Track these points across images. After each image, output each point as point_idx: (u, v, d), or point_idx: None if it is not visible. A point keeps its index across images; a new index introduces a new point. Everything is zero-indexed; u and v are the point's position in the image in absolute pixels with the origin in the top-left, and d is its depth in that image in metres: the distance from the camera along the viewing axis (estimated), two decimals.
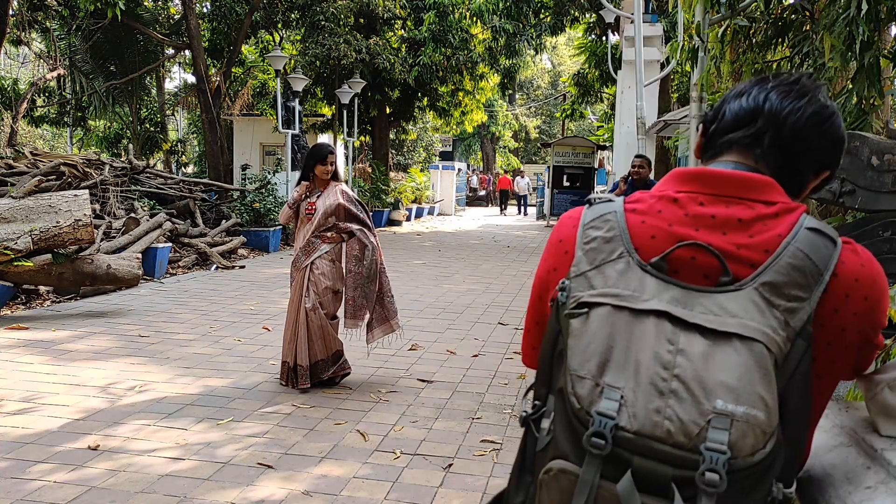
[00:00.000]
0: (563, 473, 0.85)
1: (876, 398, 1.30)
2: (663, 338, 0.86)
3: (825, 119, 1.03)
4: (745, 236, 0.94)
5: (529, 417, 0.97)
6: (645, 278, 0.92)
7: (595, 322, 0.90)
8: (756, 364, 0.83)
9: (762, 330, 0.86)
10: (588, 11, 17.88)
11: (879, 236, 3.08)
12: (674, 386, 0.82)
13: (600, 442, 0.81)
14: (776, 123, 1.03)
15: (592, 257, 0.97)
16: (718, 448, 0.78)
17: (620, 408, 0.83)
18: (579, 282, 0.95)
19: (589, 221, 1.02)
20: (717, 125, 1.09)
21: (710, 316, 0.87)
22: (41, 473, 3.44)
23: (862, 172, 3.19)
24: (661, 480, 0.80)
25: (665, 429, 0.81)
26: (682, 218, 0.98)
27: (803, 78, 1.06)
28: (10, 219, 6.98)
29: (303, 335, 4.81)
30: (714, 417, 0.80)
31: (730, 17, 4.92)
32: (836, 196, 3.34)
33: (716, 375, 0.82)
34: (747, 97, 1.06)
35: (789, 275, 0.90)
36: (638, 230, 0.98)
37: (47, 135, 29.33)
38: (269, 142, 19.16)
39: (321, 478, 3.52)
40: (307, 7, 17.65)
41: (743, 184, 0.99)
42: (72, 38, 18.51)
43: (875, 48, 3.80)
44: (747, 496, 0.80)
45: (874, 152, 3.12)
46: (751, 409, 0.81)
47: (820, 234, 0.94)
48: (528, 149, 45.07)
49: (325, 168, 4.90)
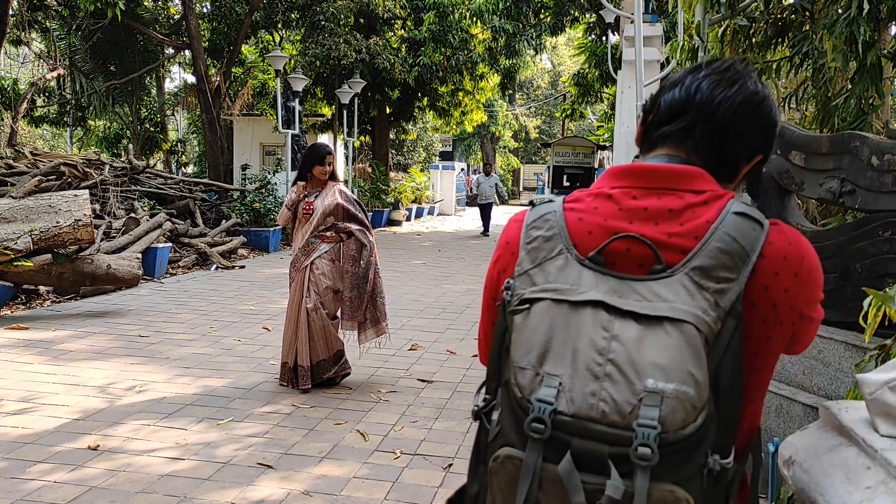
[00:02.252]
0: (509, 459, 0.89)
1: (876, 398, 1.30)
2: (599, 326, 0.90)
3: (755, 106, 1.07)
4: (676, 225, 0.99)
5: (481, 411, 1.01)
6: (583, 272, 0.97)
7: (535, 316, 0.94)
8: (686, 344, 0.87)
9: (692, 312, 0.90)
10: (588, 11, 17.86)
11: (879, 236, 3.08)
12: (608, 369, 0.87)
13: (540, 427, 0.85)
14: (706, 114, 1.06)
15: (534, 256, 1.01)
16: (650, 424, 0.82)
17: (559, 394, 0.87)
18: (522, 280, 1.00)
19: (531, 222, 1.06)
20: (653, 116, 1.13)
21: (644, 302, 0.92)
22: (40, 473, 3.44)
23: (862, 172, 3.19)
24: (598, 458, 0.84)
25: (600, 410, 0.85)
26: (616, 212, 1.03)
27: (735, 64, 1.09)
28: (10, 219, 6.98)
29: (304, 335, 4.80)
30: (645, 396, 0.84)
31: (730, 17, 4.92)
32: (836, 196, 3.34)
33: (647, 357, 0.87)
34: (680, 88, 1.09)
35: (717, 258, 0.94)
36: (576, 227, 1.03)
37: (47, 135, 29.32)
38: (269, 142, 19.15)
39: (321, 478, 3.52)
40: (307, 7, 17.65)
41: (673, 176, 1.04)
42: (72, 38, 18.51)
43: (876, 48, 3.80)
44: (680, 467, 0.84)
45: (874, 152, 3.12)
46: (681, 385, 0.84)
47: (747, 217, 0.98)
48: (528, 149, 45.06)
49: (323, 169, 4.90)
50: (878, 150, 3.10)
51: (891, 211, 3.04)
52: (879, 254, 3.06)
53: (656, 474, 0.82)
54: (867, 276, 3.08)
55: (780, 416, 3.27)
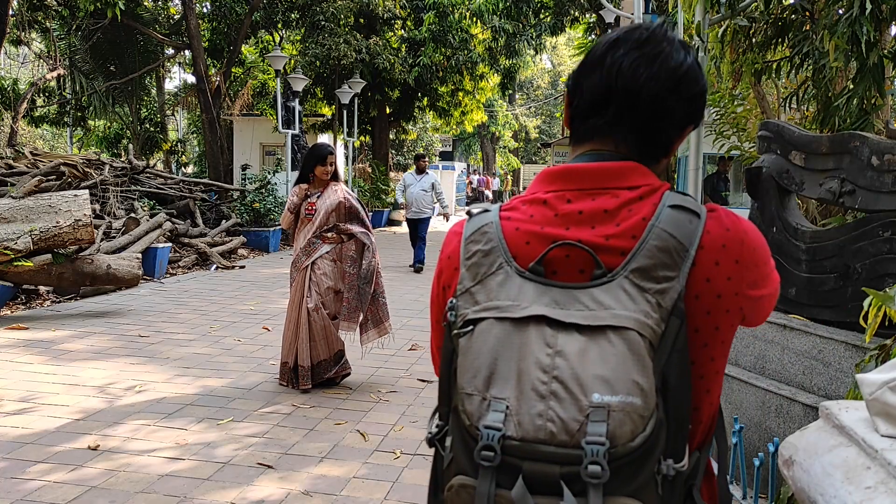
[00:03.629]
0: (462, 488, 0.87)
1: (876, 398, 1.30)
2: (542, 342, 0.88)
3: (680, 79, 1.02)
4: (612, 226, 0.97)
5: (434, 437, 0.99)
6: (525, 285, 0.94)
7: (479, 338, 0.91)
8: (630, 351, 0.85)
9: (633, 317, 0.88)
10: (588, 11, 17.85)
11: (879, 236, 3.07)
12: (553, 387, 0.85)
13: (490, 454, 0.83)
14: (631, 102, 1.02)
15: (475, 272, 0.98)
16: (598, 440, 0.81)
17: (506, 418, 0.85)
18: (465, 299, 0.97)
19: (469, 235, 1.03)
20: (578, 101, 1.07)
21: (585, 312, 0.89)
22: (40, 473, 3.44)
23: (862, 172, 3.18)
24: (551, 480, 0.82)
25: (548, 431, 0.83)
26: (552, 218, 1.00)
27: (655, 34, 1.03)
28: (10, 219, 6.97)
29: (304, 335, 4.80)
30: (592, 411, 0.82)
31: (730, 17, 4.91)
32: (836, 196, 3.34)
33: (591, 370, 0.85)
34: (601, 71, 1.03)
35: (656, 257, 0.92)
36: (513, 238, 1.00)
37: (47, 135, 29.32)
38: (269, 142, 19.15)
39: (321, 478, 3.51)
40: (307, 7, 17.65)
41: (605, 174, 1.01)
42: (72, 38, 18.50)
43: (879, 47, 3.79)
44: (633, 478, 0.83)
45: (874, 152, 3.12)
46: (626, 396, 0.83)
47: (683, 209, 0.96)
48: (528, 149, 45.06)
49: (325, 168, 4.89)
50: (878, 150, 3.10)
51: (891, 211, 3.04)
52: (879, 254, 3.06)
53: (610, 489, 0.81)
54: (867, 276, 3.08)
55: (780, 416, 3.27)
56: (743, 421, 3.31)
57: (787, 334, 3.42)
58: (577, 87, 1.08)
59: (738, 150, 6.67)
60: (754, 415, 3.42)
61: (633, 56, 1.02)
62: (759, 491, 2.45)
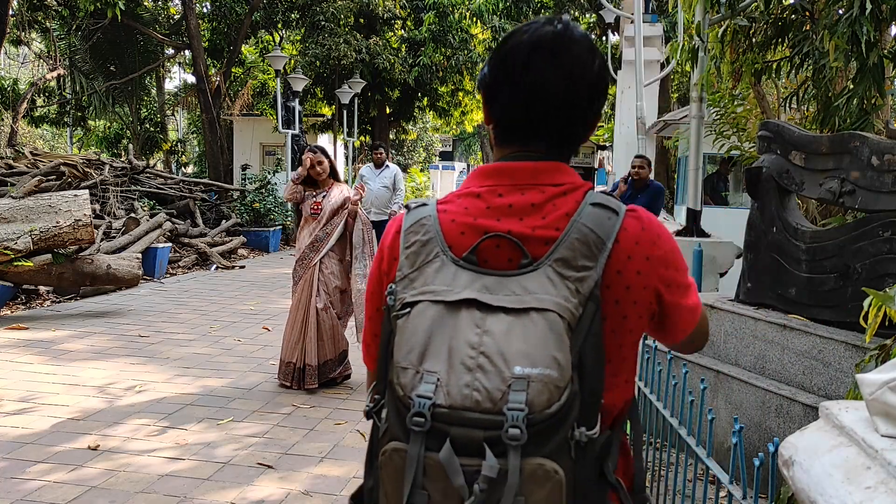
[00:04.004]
0: (395, 452, 0.96)
1: (876, 398, 1.30)
2: (472, 323, 0.97)
3: (586, 72, 1.10)
4: (539, 218, 1.07)
5: (371, 410, 1.08)
6: (459, 272, 1.04)
7: (415, 318, 1.00)
8: (550, 330, 0.95)
9: (555, 301, 0.98)
10: (588, 11, 17.87)
11: (879, 236, 3.07)
12: (480, 361, 0.94)
13: (420, 420, 0.92)
14: (544, 108, 1.11)
15: (413, 260, 1.08)
16: (518, 407, 0.90)
17: (437, 388, 0.94)
18: (403, 284, 1.06)
19: (409, 227, 1.12)
20: (495, 109, 1.15)
21: (512, 297, 0.99)
22: (40, 473, 3.44)
23: (862, 172, 3.18)
24: (475, 443, 0.91)
25: (474, 399, 0.92)
26: (484, 210, 1.10)
27: (563, 36, 1.10)
28: (10, 219, 6.97)
29: (313, 335, 4.82)
30: (514, 381, 0.92)
31: (730, 17, 4.92)
32: (836, 196, 3.34)
33: (514, 346, 0.94)
34: (516, 83, 1.10)
35: (576, 249, 1.03)
36: (449, 229, 1.10)
37: (47, 135, 29.29)
38: (269, 142, 19.14)
39: (321, 478, 3.51)
40: (307, 7, 17.65)
41: (533, 172, 1.11)
42: (72, 38, 18.50)
43: (879, 47, 3.79)
44: (548, 441, 0.92)
45: (874, 152, 3.12)
46: (545, 369, 0.92)
47: (603, 207, 1.07)
48: None
49: (314, 171, 4.92)
50: (878, 150, 3.10)
51: (891, 211, 3.04)
52: (879, 254, 3.06)
53: (527, 451, 0.90)
54: (867, 276, 3.08)
55: (780, 416, 3.27)
56: (743, 421, 3.31)
57: (787, 334, 3.41)
58: (492, 94, 1.15)
59: (738, 150, 6.67)
60: (754, 415, 3.42)
61: (538, 56, 1.09)
62: (759, 491, 2.45)
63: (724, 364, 3.76)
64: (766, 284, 3.72)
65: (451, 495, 0.91)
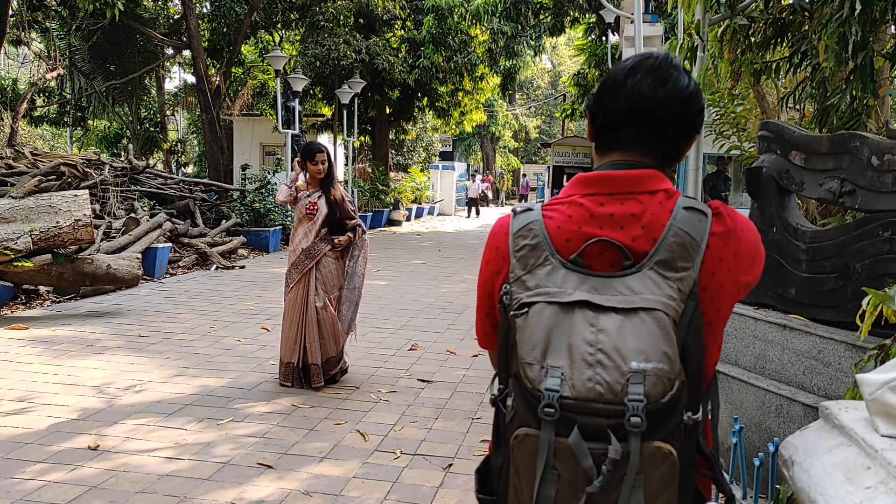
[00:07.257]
0: (527, 437, 1.08)
1: (876, 398, 1.30)
2: (586, 322, 1.09)
3: (688, 98, 1.23)
4: (638, 228, 1.18)
5: (497, 398, 1.20)
6: (568, 275, 1.15)
7: (534, 318, 1.12)
8: (658, 328, 1.07)
9: (660, 300, 1.09)
10: (588, 12, 17.84)
11: (879, 236, 3.07)
12: (599, 357, 1.06)
13: (551, 410, 1.05)
14: (653, 119, 1.23)
15: (524, 263, 1.19)
16: (637, 398, 1.03)
17: (562, 382, 1.06)
18: (518, 285, 1.17)
19: (517, 231, 1.23)
20: (602, 118, 1.28)
21: (620, 297, 1.11)
22: (39, 473, 3.43)
23: (862, 172, 3.18)
24: (600, 429, 1.04)
25: (597, 391, 1.05)
26: (588, 219, 1.21)
27: (664, 62, 1.25)
28: (10, 219, 6.97)
29: (314, 334, 4.84)
30: (631, 375, 1.04)
31: (729, 17, 4.92)
32: (836, 196, 3.34)
33: (629, 343, 1.06)
34: (623, 94, 1.24)
35: (674, 251, 1.13)
36: (555, 234, 1.20)
37: (47, 135, 29.30)
38: (269, 142, 19.14)
39: (321, 478, 3.51)
40: (307, 7, 17.64)
41: (632, 181, 1.22)
42: (71, 38, 18.49)
43: (869, 49, 3.79)
44: (663, 427, 1.05)
45: (874, 152, 3.12)
46: (658, 363, 1.05)
47: (694, 210, 1.17)
48: (528, 149, 45.04)
49: (316, 168, 4.91)
50: (878, 150, 3.10)
51: (891, 211, 3.03)
52: (879, 254, 3.06)
53: (645, 435, 1.02)
54: (867, 276, 3.08)
55: (780, 416, 3.27)
56: (743, 421, 3.31)
57: (787, 334, 3.41)
58: (599, 107, 1.28)
59: (738, 150, 6.67)
60: (754, 415, 3.41)
61: (650, 80, 1.22)
62: (759, 491, 2.45)
63: (723, 364, 3.76)
64: (766, 284, 3.72)
65: (579, 474, 1.04)
